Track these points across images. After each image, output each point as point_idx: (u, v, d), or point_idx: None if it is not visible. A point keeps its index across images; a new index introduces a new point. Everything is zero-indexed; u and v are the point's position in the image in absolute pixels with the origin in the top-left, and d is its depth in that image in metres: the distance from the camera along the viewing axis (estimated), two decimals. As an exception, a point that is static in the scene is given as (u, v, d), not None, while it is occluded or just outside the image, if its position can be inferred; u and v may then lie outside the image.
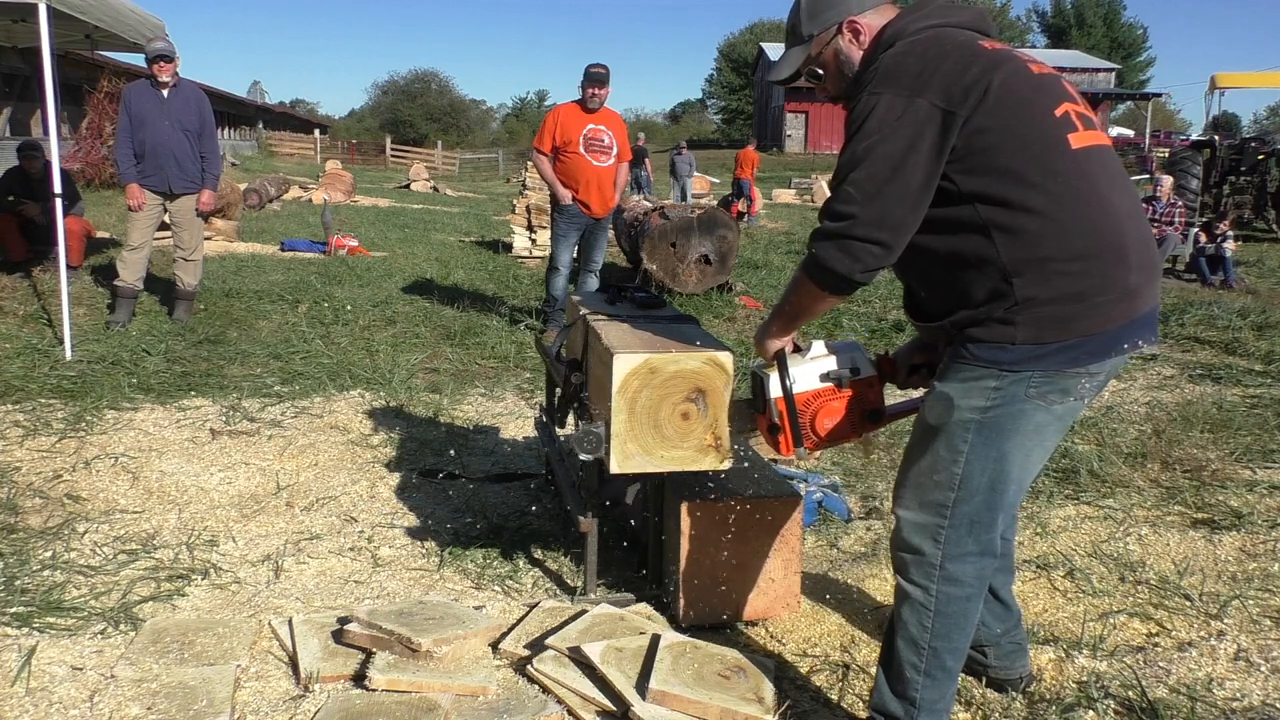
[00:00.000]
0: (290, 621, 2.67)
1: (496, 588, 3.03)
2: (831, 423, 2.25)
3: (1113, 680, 2.42)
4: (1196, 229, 11.19)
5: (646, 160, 21.22)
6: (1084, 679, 2.43)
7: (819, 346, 2.28)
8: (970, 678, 2.42)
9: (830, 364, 2.25)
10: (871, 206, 1.85)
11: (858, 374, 2.26)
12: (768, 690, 2.30)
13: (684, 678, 2.29)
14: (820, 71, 2.14)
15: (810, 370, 2.24)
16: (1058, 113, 1.90)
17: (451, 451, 4.21)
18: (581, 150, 6.60)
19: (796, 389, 2.22)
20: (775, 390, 2.23)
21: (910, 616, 2.03)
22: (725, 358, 2.54)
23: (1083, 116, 1.94)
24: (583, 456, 2.54)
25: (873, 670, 2.38)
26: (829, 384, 2.24)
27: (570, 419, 3.15)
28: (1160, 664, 2.50)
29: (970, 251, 1.89)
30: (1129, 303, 1.90)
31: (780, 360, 2.21)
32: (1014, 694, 2.37)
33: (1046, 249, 1.85)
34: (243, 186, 14.71)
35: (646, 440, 2.51)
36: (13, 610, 2.71)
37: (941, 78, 1.86)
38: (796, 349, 2.25)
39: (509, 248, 11.57)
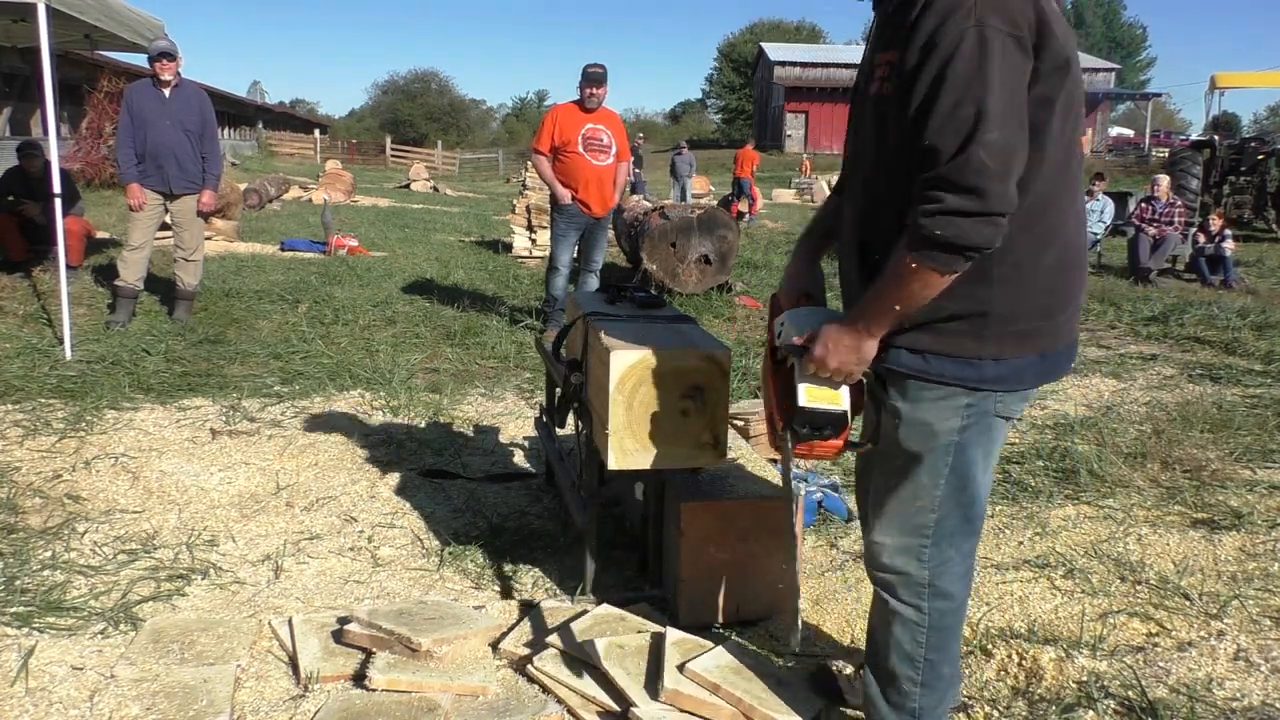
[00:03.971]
0: (290, 621, 2.67)
1: (496, 588, 3.03)
2: None
3: (1113, 680, 2.42)
4: (1196, 229, 11.19)
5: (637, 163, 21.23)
6: (1084, 679, 2.43)
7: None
8: (974, 679, 2.42)
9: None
10: (1009, 180, 1.60)
11: None
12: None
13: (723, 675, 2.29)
14: None
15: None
16: (1081, 109, 1.81)
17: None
18: (580, 150, 6.61)
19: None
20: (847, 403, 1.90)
21: (903, 634, 1.98)
22: (723, 356, 2.54)
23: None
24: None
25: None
26: None
27: (570, 419, 3.15)
28: (1160, 664, 2.50)
29: None
30: (1075, 320, 1.88)
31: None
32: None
33: (1035, 256, 1.77)
34: (243, 186, 14.71)
35: (644, 437, 2.51)
36: (13, 610, 2.71)
37: (1038, 20, 1.65)
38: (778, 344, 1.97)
39: (509, 248, 11.57)
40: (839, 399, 1.88)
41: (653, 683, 2.29)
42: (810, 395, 1.89)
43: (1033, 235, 1.75)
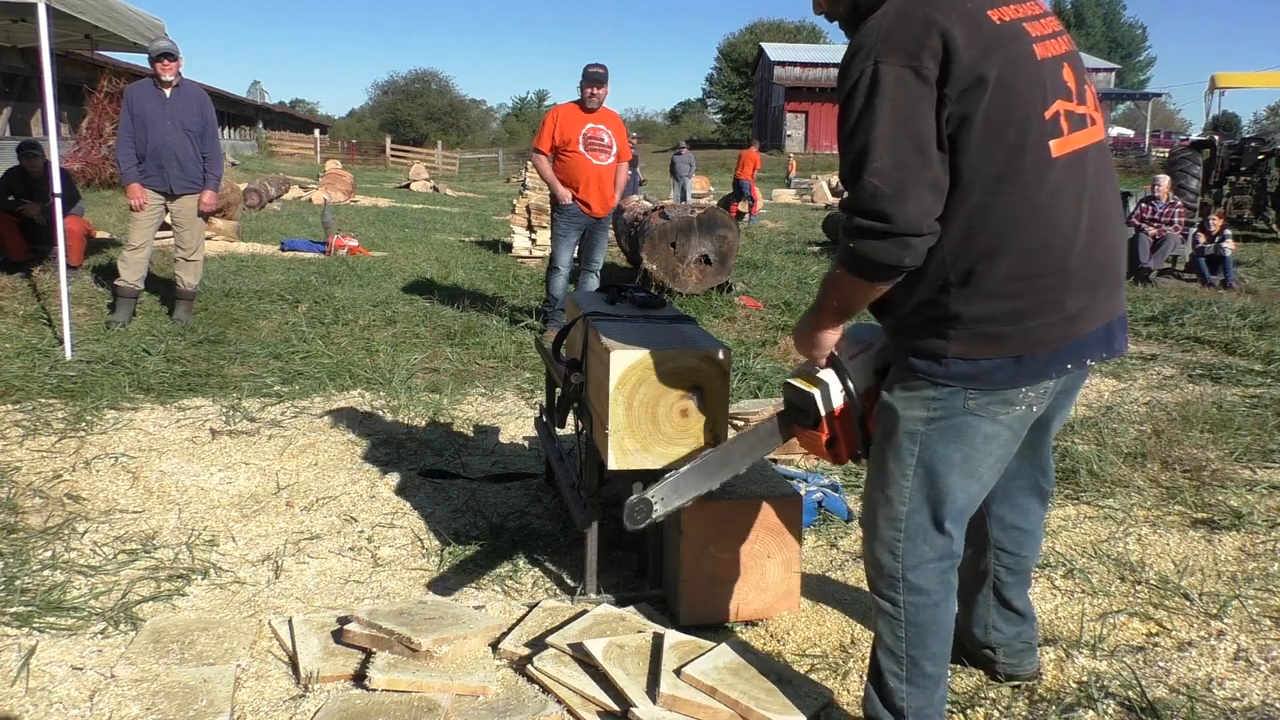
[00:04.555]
0: (290, 621, 2.67)
1: (496, 588, 3.03)
2: None
3: (1113, 680, 2.42)
4: (1196, 229, 11.19)
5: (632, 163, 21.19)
6: (1084, 679, 2.43)
7: (853, 339, 2.15)
8: (975, 678, 2.42)
9: (877, 358, 2.11)
10: (907, 202, 1.72)
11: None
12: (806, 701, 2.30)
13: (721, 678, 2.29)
14: None
15: (865, 369, 2.10)
16: (1048, 114, 1.82)
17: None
18: (581, 149, 6.61)
19: (860, 390, 2.07)
20: (835, 401, 2.08)
21: (885, 629, 2.04)
22: (723, 356, 2.54)
23: (1072, 116, 1.86)
24: (629, 526, 2.22)
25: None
26: (879, 380, 2.08)
27: (570, 419, 3.15)
28: (1160, 664, 2.51)
29: None
30: (1066, 326, 1.87)
31: (836, 365, 2.08)
32: (1023, 687, 2.38)
33: (990, 264, 1.81)
34: (243, 186, 14.71)
35: (644, 437, 2.51)
36: (13, 610, 2.71)
37: (943, 47, 1.73)
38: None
39: (509, 248, 11.57)
40: (812, 386, 2.09)
41: (652, 685, 2.29)
42: (795, 375, 2.15)
43: (977, 245, 1.82)
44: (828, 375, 2.09)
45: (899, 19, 1.78)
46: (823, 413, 2.08)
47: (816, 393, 2.08)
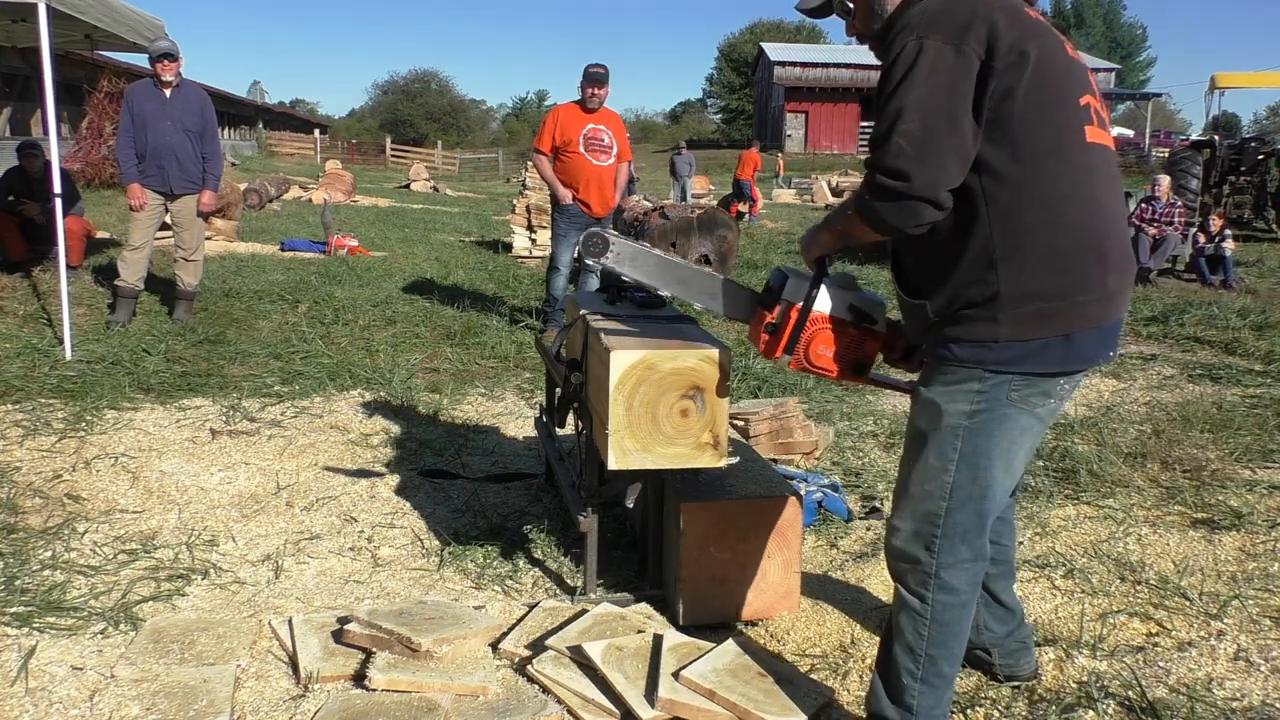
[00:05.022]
0: (290, 621, 2.67)
1: (496, 588, 3.03)
2: (827, 353, 2.27)
3: (1113, 680, 2.42)
4: (1196, 229, 11.19)
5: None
6: (1084, 679, 2.43)
7: (854, 283, 2.31)
8: (974, 678, 2.42)
9: (860, 302, 2.27)
10: (928, 164, 1.78)
11: (874, 324, 2.27)
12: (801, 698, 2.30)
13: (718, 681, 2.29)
14: (851, 6, 2.11)
15: (842, 298, 2.25)
16: (1081, 101, 1.91)
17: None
18: (581, 150, 6.61)
19: (819, 308, 2.24)
20: (798, 296, 2.24)
21: (907, 624, 2.02)
22: (723, 356, 2.54)
23: (1098, 113, 1.95)
24: (589, 261, 2.36)
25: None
26: (848, 318, 2.25)
27: (570, 419, 3.15)
28: (1160, 664, 2.51)
29: (964, 224, 1.88)
30: (1107, 304, 1.91)
31: (820, 270, 2.22)
32: (1023, 687, 2.39)
33: (1037, 238, 1.86)
34: (243, 186, 14.70)
35: (644, 437, 2.51)
36: (13, 610, 2.71)
37: (988, 31, 1.82)
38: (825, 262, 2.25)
39: (509, 248, 11.57)
40: (795, 291, 2.25)
41: (651, 689, 2.29)
42: (788, 266, 2.33)
43: (1024, 219, 1.86)
44: (809, 276, 2.26)
45: (946, 4, 1.87)
46: (784, 298, 2.25)
47: (791, 279, 2.26)
